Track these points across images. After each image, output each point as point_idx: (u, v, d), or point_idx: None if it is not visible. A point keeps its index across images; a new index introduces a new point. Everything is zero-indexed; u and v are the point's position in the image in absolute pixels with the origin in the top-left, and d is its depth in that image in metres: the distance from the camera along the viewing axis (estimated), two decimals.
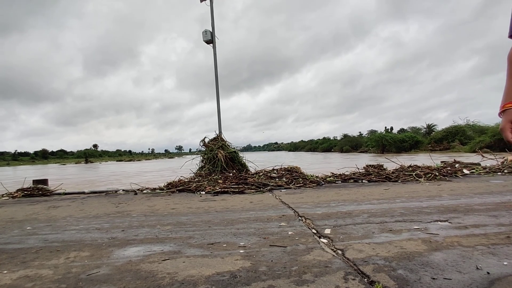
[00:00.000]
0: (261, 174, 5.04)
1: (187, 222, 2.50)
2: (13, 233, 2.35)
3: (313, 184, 4.59)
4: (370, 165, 5.57)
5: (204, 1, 6.04)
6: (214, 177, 4.94)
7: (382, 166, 5.48)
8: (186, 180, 5.13)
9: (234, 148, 5.78)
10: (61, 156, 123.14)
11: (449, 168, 5.32)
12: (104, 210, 3.24)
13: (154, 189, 5.01)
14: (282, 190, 4.20)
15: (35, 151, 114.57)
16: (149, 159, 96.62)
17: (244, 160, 5.63)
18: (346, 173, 5.28)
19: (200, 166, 5.62)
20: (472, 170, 5.19)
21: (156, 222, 2.54)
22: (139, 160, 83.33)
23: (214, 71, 6.28)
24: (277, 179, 4.77)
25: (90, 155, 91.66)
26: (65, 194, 5.05)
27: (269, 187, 4.30)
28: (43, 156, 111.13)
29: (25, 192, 4.91)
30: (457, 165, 5.47)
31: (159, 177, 14.32)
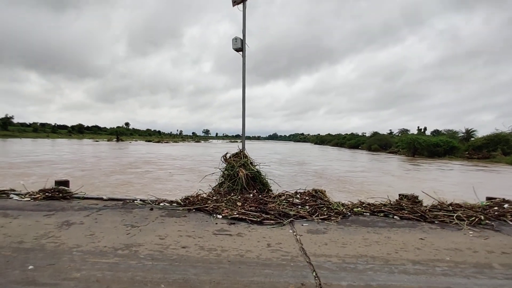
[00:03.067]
0: (282, 198, 4.73)
1: (195, 281, 2.26)
2: (13, 277, 2.22)
3: (339, 216, 4.21)
4: (403, 195, 5.08)
5: (236, 5, 5.65)
6: (233, 197, 4.69)
7: (417, 197, 4.97)
8: (204, 195, 4.93)
9: (256, 164, 5.49)
10: (95, 131, 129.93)
11: (496, 208, 4.71)
12: (113, 239, 3.08)
13: (172, 202, 4.86)
14: (304, 225, 3.86)
15: (72, 126, 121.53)
16: (176, 142, 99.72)
17: (266, 179, 5.33)
18: (375, 203, 4.84)
19: (219, 181, 5.39)
20: None
21: (162, 276, 2.32)
22: (167, 142, 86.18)
23: (242, 76, 5.94)
24: (299, 207, 4.43)
25: (121, 133, 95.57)
26: (84, 198, 5.03)
27: (290, 218, 3.98)
28: (79, 131, 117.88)
29: (46, 194, 4.93)
30: (506, 206, 4.84)
31: (181, 174, 14.47)
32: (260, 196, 4.84)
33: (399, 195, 5.13)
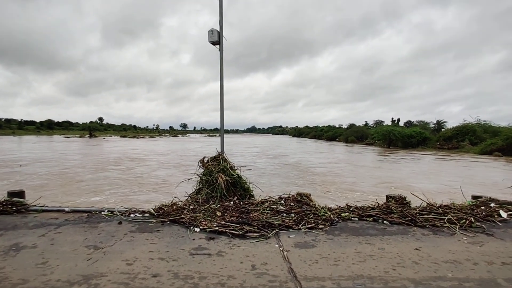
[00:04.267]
0: (266, 205, 4.37)
1: None
2: None
3: (326, 224, 3.92)
4: (391, 197, 4.88)
5: None
6: (212, 206, 4.27)
7: (405, 198, 4.79)
8: (180, 203, 4.48)
9: (236, 168, 5.08)
10: (67, 127, 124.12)
11: (483, 208, 4.61)
12: (70, 269, 2.60)
13: (144, 212, 4.38)
14: (291, 236, 3.53)
15: (40, 121, 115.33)
16: (153, 136, 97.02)
17: (247, 184, 4.93)
18: (363, 207, 4.60)
19: (197, 188, 4.94)
20: (510, 213, 4.48)
21: None
22: (142, 137, 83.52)
23: (219, 70, 5.45)
24: (284, 215, 4.10)
25: (94, 129, 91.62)
26: (43, 211, 4.45)
27: (275, 230, 3.63)
28: (48, 127, 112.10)
29: None
30: (492, 204, 4.76)
31: (158, 172, 13.77)
32: (241, 203, 4.46)
33: (387, 196, 4.93)
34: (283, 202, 4.53)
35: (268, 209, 4.26)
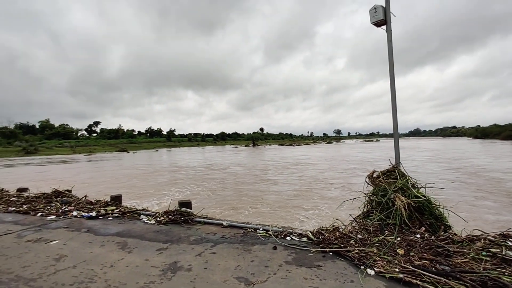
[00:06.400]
0: (479, 246, 2.82)
1: None
2: None
3: None
4: None
5: None
6: (389, 238, 3.11)
7: None
8: (344, 230, 3.54)
9: (420, 187, 3.67)
10: (235, 138, 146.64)
11: None
12: None
13: (301, 235, 3.70)
14: None
15: (216, 134, 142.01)
16: (308, 144, 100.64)
17: (440, 209, 3.42)
18: None
19: (364, 210, 3.85)
20: None
21: None
22: (298, 145, 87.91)
23: (388, 66, 4.24)
24: None
25: (257, 138, 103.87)
26: (205, 223, 4.51)
27: None
28: (222, 138, 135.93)
29: (170, 217, 4.65)
30: None
31: (313, 184, 13.32)
32: (433, 238, 3.08)
33: None
34: (510, 243, 2.84)
35: (484, 253, 2.72)
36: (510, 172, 15.53)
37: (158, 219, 4.66)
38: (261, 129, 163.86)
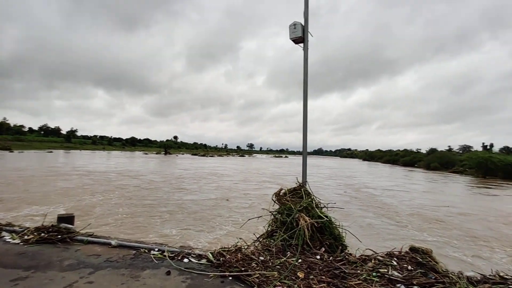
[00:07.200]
0: (370, 266, 2.95)
1: None
2: None
3: None
4: None
5: None
6: (291, 260, 3.02)
7: None
8: (246, 250, 3.34)
9: (323, 206, 3.77)
10: (147, 144, 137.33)
11: None
12: None
13: (200, 257, 3.36)
14: None
15: (126, 138, 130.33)
16: (221, 155, 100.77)
17: (339, 229, 3.54)
18: None
19: (269, 228, 3.74)
20: None
21: None
22: (211, 156, 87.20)
23: (303, 85, 4.35)
24: (402, 287, 2.64)
25: (169, 147, 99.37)
26: (88, 242, 3.75)
27: None
28: (131, 143, 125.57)
29: (42, 234, 3.74)
30: None
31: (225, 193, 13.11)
32: (331, 259, 3.12)
33: None
34: (395, 263, 3.05)
35: (374, 273, 2.85)
36: (380, 188, 20.06)
37: (26, 237, 3.69)
38: (175, 137, 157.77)
